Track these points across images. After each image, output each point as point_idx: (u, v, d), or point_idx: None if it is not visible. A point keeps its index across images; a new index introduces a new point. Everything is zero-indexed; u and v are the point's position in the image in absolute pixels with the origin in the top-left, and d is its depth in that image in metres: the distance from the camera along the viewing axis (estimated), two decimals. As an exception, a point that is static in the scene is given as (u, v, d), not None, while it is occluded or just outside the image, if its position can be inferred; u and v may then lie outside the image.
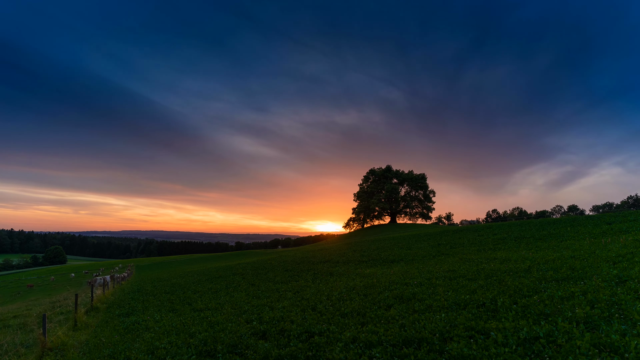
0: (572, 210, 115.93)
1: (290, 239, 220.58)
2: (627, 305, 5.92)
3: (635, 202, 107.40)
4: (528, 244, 18.61)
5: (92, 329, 11.35)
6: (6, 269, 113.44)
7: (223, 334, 8.13)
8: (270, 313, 9.84)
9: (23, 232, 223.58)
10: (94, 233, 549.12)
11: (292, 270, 20.54)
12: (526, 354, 4.79)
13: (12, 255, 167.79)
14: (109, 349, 8.27)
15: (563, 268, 9.96)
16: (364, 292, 11.04)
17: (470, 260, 15.01)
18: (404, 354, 5.48)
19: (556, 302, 6.80)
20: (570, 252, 13.11)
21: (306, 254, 31.83)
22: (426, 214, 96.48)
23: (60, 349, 9.00)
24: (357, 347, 6.10)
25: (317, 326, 7.74)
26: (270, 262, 27.15)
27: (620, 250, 11.55)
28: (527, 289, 8.12)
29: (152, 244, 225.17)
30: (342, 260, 22.39)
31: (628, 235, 15.65)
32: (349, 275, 15.95)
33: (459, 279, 10.87)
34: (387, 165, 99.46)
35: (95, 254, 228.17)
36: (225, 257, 66.10)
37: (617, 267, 9.05)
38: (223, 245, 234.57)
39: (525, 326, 5.69)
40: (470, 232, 29.83)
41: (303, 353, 6.23)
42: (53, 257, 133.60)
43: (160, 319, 11.54)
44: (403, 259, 19.61)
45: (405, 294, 9.66)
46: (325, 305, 9.95)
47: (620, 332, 4.96)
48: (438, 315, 7.20)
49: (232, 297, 14.24)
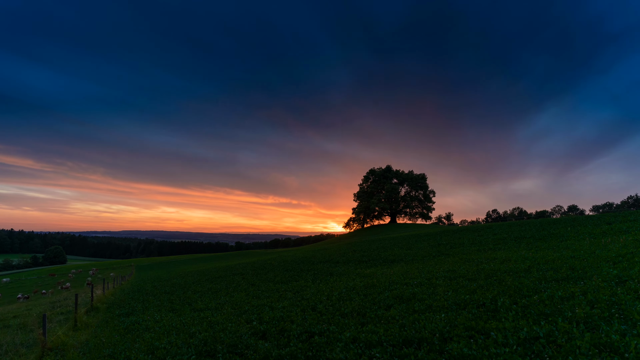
0: (572, 210, 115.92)
1: (290, 238, 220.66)
2: (627, 305, 5.92)
3: (635, 202, 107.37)
4: (528, 244, 18.60)
5: (92, 329, 11.35)
6: (6, 269, 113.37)
7: (223, 334, 8.13)
8: (270, 313, 9.84)
9: (23, 232, 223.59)
10: (94, 233, 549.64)
11: (292, 270, 20.53)
12: (526, 354, 4.79)
13: (12, 255, 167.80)
14: (109, 349, 8.28)
15: (563, 268, 9.96)
16: (364, 292, 11.04)
17: (470, 260, 15.01)
18: (404, 354, 5.48)
19: (556, 302, 6.80)
20: (570, 252, 13.10)
21: (306, 254, 31.83)
22: (426, 214, 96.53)
23: (60, 349, 8.99)
24: (357, 347, 6.10)
25: (317, 326, 7.74)
26: (270, 262, 27.15)
27: (620, 250, 11.54)
28: (527, 289, 8.12)
29: (152, 244, 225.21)
30: (342, 260, 22.39)
31: (628, 235, 15.64)
32: (349, 275, 15.95)
33: (459, 279, 10.87)
34: (387, 165, 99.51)
35: (96, 254, 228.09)
36: (225, 257, 66.08)
37: (617, 267, 9.05)
38: (223, 245, 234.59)
39: (525, 326, 5.69)
40: (470, 232, 29.82)
41: (303, 353, 6.23)
42: (53, 257, 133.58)
43: (160, 319, 11.54)
44: (403, 259, 19.60)
45: (405, 294, 9.66)
46: (325, 305, 9.94)
47: (620, 332, 4.96)
48: (438, 315, 7.20)
49: (232, 297, 14.24)
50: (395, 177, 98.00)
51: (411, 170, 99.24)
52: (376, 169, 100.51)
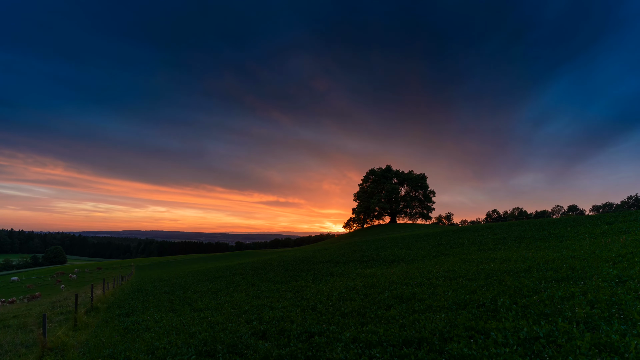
0: (572, 210, 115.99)
1: (290, 238, 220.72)
2: (627, 305, 5.92)
3: (635, 202, 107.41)
4: (528, 244, 18.60)
5: (92, 329, 11.35)
6: (6, 269, 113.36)
7: (223, 334, 8.13)
8: (270, 313, 9.84)
9: (23, 232, 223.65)
10: (94, 233, 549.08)
11: (292, 270, 20.53)
12: (526, 354, 4.79)
13: (12, 255, 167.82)
14: (109, 349, 8.28)
15: (563, 268, 9.96)
16: (364, 292, 11.04)
17: (470, 260, 15.01)
18: (404, 354, 5.48)
19: (556, 302, 6.80)
20: (570, 252, 13.09)
21: (306, 254, 31.83)
22: (426, 214, 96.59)
23: (60, 349, 8.99)
24: (357, 347, 6.10)
25: (317, 326, 7.74)
26: (270, 262, 27.15)
27: (620, 250, 11.54)
28: (527, 289, 8.12)
29: (152, 244, 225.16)
30: (342, 260, 22.39)
31: (628, 235, 15.64)
32: (349, 276, 15.94)
33: (459, 279, 10.87)
34: (387, 165, 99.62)
35: (96, 254, 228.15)
36: (225, 257, 66.12)
37: (617, 267, 9.04)
38: (223, 245, 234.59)
39: (525, 326, 5.69)
40: (470, 232, 29.83)
41: (303, 353, 6.22)
42: (53, 257, 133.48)
43: (160, 319, 11.54)
44: (403, 259, 19.60)
45: (405, 294, 9.66)
46: (325, 305, 9.94)
47: (620, 332, 4.96)
48: (438, 315, 7.20)
49: (232, 297, 14.24)
50: (395, 177, 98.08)
51: (411, 170, 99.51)
52: (376, 169, 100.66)
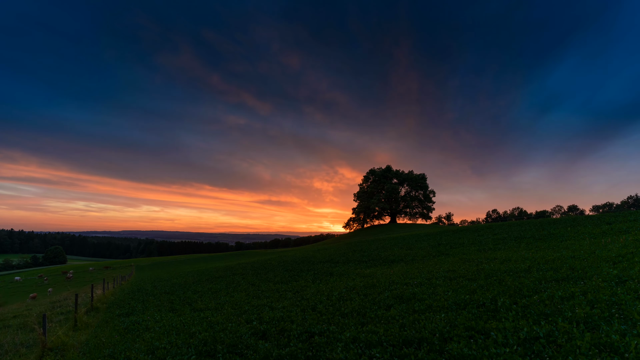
0: (572, 210, 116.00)
1: (290, 239, 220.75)
2: (627, 305, 5.92)
3: (635, 202, 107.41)
4: (528, 244, 18.60)
5: (92, 329, 11.35)
6: (6, 269, 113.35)
7: (223, 334, 8.13)
8: (270, 313, 9.84)
9: (23, 232, 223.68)
10: (94, 233, 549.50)
11: (292, 270, 20.53)
12: (526, 354, 4.79)
13: (12, 255, 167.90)
14: (109, 349, 8.28)
15: (563, 268, 9.96)
16: (364, 292, 11.04)
17: (470, 260, 15.01)
18: (404, 354, 5.48)
19: (556, 302, 6.80)
20: (570, 252, 13.09)
21: (306, 254, 31.84)
22: (426, 214, 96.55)
23: (60, 349, 8.99)
24: (357, 347, 6.10)
25: (317, 326, 7.74)
26: (270, 262, 27.15)
27: (620, 250, 11.54)
28: (527, 289, 8.12)
29: (152, 244, 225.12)
30: (342, 260, 22.39)
31: (628, 235, 15.63)
32: (349, 275, 15.94)
33: (459, 279, 10.87)
34: (387, 166, 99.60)
35: (96, 254, 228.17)
36: (226, 257, 66.12)
37: (617, 267, 9.05)
38: (223, 245, 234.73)
39: (525, 326, 5.69)
40: (470, 232, 29.83)
41: (303, 353, 6.22)
42: (53, 257, 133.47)
43: (160, 319, 11.54)
44: (403, 259, 19.60)
45: (405, 294, 9.66)
46: (325, 305, 9.94)
47: (620, 332, 4.96)
48: (438, 315, 7.20)
49: (232, 297, 14.24)
50: (395, 177, 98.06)
51: (411, 170, 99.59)
52: (376, 169, 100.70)
